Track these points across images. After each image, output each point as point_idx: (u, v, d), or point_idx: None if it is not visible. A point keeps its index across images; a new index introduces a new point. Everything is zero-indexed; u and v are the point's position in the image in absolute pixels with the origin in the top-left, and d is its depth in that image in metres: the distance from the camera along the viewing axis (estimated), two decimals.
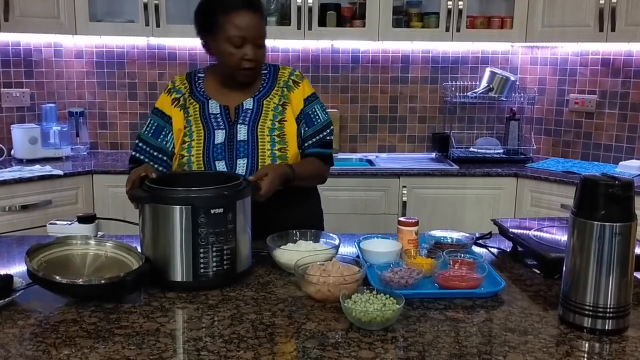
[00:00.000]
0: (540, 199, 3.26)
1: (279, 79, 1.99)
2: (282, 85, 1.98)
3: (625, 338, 1.29)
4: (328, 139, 2.00)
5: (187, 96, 1.96)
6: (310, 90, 2.02)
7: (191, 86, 1.97)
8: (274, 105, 1.95)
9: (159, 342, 1.24)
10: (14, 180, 2.96)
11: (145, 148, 1.96)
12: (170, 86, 1.99)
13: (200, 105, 1.94)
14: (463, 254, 1.66)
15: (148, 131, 1.97)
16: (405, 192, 3.29)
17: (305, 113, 1.97)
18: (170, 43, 3.72)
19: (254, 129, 1.91)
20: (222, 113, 1.93)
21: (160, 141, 1.95)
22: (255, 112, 1.93)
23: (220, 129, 1.91)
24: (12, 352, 1.20)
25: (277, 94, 1.96)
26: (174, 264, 1.50)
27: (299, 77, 2.01)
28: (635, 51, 3.42)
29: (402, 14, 3.57)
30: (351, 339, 1.26)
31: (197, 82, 1.98)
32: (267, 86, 1.97)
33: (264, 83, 1.97)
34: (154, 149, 1.95)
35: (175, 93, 1.97)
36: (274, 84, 1.97)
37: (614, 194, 1.26)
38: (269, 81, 1.98)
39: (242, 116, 1.92)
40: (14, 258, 1.77)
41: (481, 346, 1.25)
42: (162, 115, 1.96)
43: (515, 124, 3.69)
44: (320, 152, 1.98)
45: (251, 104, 1.94)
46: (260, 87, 1.97)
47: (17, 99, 3.54)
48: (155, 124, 1.97)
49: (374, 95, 3.85)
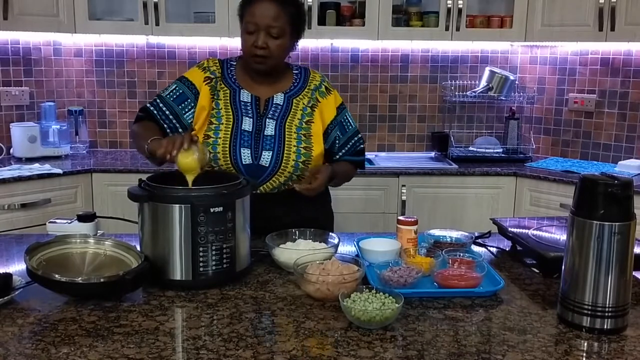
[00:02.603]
0: (540, 198, 3.26)
1: (309, 82, 2.04)
2: (312, 88, 2.02)
3: (623, 337, 1.29)
4: (361, 147, 2.11)
5: (220, 79, 1.98)
6: (340, 99, 2.09)
7: (223, 71, 2.00)
8: (303, 105, 1.99)
9: (158, 340, 1.24)
10: (13, 179, 2.96)
11: (162, 107, 1.96)
12: (205, 64, 2.01)
13: (231, 92, 1.97)
14: (462, 253, 1.66)
15: (171, 95, 1.97)
16: (405, 191, 3.29)
17: (338, 121, 2.04)
18: (169, 42, 3.72)
19: (282, 125, 1.95)
20: (253, 103, 1.96)
21: (181, 109, 1.95)
22: (284, 108, 1.97)
23: (249, 117, 1.94)
24: (12, 350, 1.20)
25: (307, 95, 2.01)
26: (173, 263, 1.50)
27: (329, 84, 2.08)
28: (635, 51, 3.42)
29: (401, 13, 3.57)
30: (350, 338, 1.26)
31: (229, 69, 2.01)
32: (299, 86, 2.01)
33: (295, 82, 2.02)
34: (171, 113, 1.95)
35: (209, 72, 1.99)
36: (305, 86, 2.02)
37: (613, 193, 1.26)
38: (300, 82, 2.03)
39: (271, 110, 1.96)
40: (13, 256, 1.77)
41: (480, 345, 1.25)
42: (191, 87, 1.96)
43: (514, 123, 3.69)
44: (354, 160, 2.11)
45: (281, 100, 1.98)
46: (292, 85, 2.01)
47: (16, 98, 3.54)
48: (180, 90, 1.97)
49: (373, 95, 3.85)
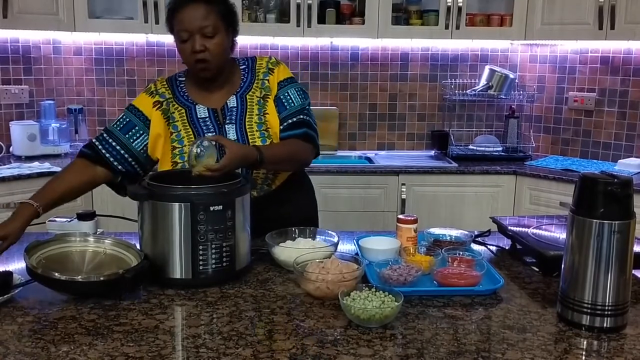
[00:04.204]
0: (539, 197, 3.26)
1: (257, 70, 1.94)
2: (261, 77, 1.93)
3: (623, 336, 1.29)
4: (302, 117, 1.91)
5: (171, 101, 1.90)
6: (285, 74, 1.95)
7: (174, 90, 1.92)
8: (257, 99, 1.91)
9: (157, 339, 1.24)
10: (13, 177, 2.96)
11: (108, 140, 1.87)
12: (153, 88, 1.93)
13: (186, 110, 1.89)
14: (462, 252, 1.66)
15: (117, 125, 1.88)
16: (405, 189, 3.29)
17: (277, 97, 1.91)
18: (169, 40, 3.67)
19: (242, 127, 1.87)
20: (211, 116, 1.88)
21: (128, 138, 1.86)
22: (240, 110, 1.89)
23: (210, 131, 1.87)
24: (11, 348, 1.20)
25: (258, 86, 1.92)
26: (173, 261, 1.50)
27: (274, 63, 1.95)
28: (635, 49, 3.42)
29: (401, 12, 3.57)
30: (350, 336, 1.26)
31: (179, 87, 1.93)
32: (247, 81, 1.92)
33: (243, 78, 1.93)
34: (119, 144, 1.86)
35: (157, 96, 1.90)
36: (254, 77, 1.93)
37: (612, 192, 1.26)
38: (248, 75, 1.93)
39: (228, 116, 1.88)
40: (13, 255, 1.76)
41: (480, 344, 1.25)
42: (139, 115, 1.88)
43: (514, 122, 3.69)
44: (293, 134, 1.89)
45: (235, 102, 1.89)
46: (241, 82, 1.92)
47: (15, 96, 3.54)
48: (127, 119, 1.88)
49: (373, 93, 3.85)
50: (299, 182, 2.05)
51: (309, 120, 1.93)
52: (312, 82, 3.78)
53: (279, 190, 1.95)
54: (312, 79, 3.78)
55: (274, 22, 3.46)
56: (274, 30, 3.42)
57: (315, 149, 1.96)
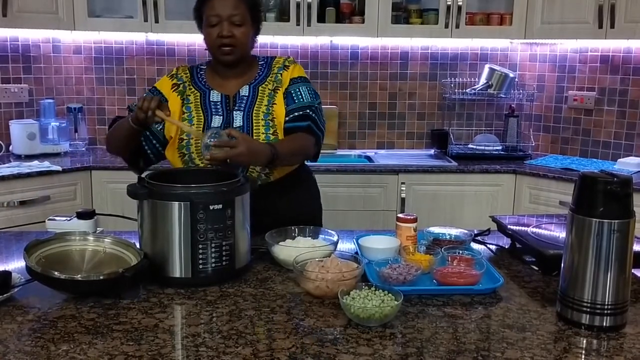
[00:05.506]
0: (539, 196, 3.26)
1: (273, 66, 2.04)
2: (275, 71, 2.02)
3: (623, 335, 1.29)
4: (308, 112, 1.96)
5: (188, 84, 2.01)
6: (299, 73, 2.04)
7: (192, 75, 2.04)
8: (269, 91, 1.99)
9: (157, 338, 1.24)
10: (13, 176, 2.96)
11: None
12: (174, 72, 2.06)
13: (201, 94, 2.00)
14: (461, 251, 1.66)
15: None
16: (404, 188, 3.29)
17: (287, 92, 1.99)
18: (169, 39, 3.72)
19: (249, 115, 1.95)
20: (222, 101, 1.98)
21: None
22: (250, 99, 1.98)
23: (219, 114, 1.96)
24: (11, 347, 1.20)
25: (272, 79, 2.01)
26: (173, 260, 1.50)
27: (290, 61, 2.06)
28: (635, 48, 3.42)
29: (401, 11, 3.57)
30: (349, 335, 1.26)
31: (199, 73, 2.05)
32: (263, 74, 2.02)
33: (259, 72, 2.03)
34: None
35: (176, 79, 2.03)
36: (269, 72, 2.03)
37: (612, 190, 1.26)
38: (264, 70, 2.03)
39: (238, 103, 1.97)
40: (13, 254, 1.77)
41: (479, 342, 1.25)
42: (158, 95, 1.96)
43: (514, 121, 3.69)
44: (296, 125, 1.94)
45: (247, 91, 1.99)
46: (256, 75, 2.02)
47: (15, 95, 3.54)
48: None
49: (372, 92, 3.85)
50: (300, 177, 2.08)
51: (315, 117, 1.98)
52: (312, 81, 3.72)
53: (279, 182, 1.99)
54: (312, 78, 3.77)
55: (274, 20, 3.46)
56: (274, 29, 3.41)
57: (317, 146, 2.00)
